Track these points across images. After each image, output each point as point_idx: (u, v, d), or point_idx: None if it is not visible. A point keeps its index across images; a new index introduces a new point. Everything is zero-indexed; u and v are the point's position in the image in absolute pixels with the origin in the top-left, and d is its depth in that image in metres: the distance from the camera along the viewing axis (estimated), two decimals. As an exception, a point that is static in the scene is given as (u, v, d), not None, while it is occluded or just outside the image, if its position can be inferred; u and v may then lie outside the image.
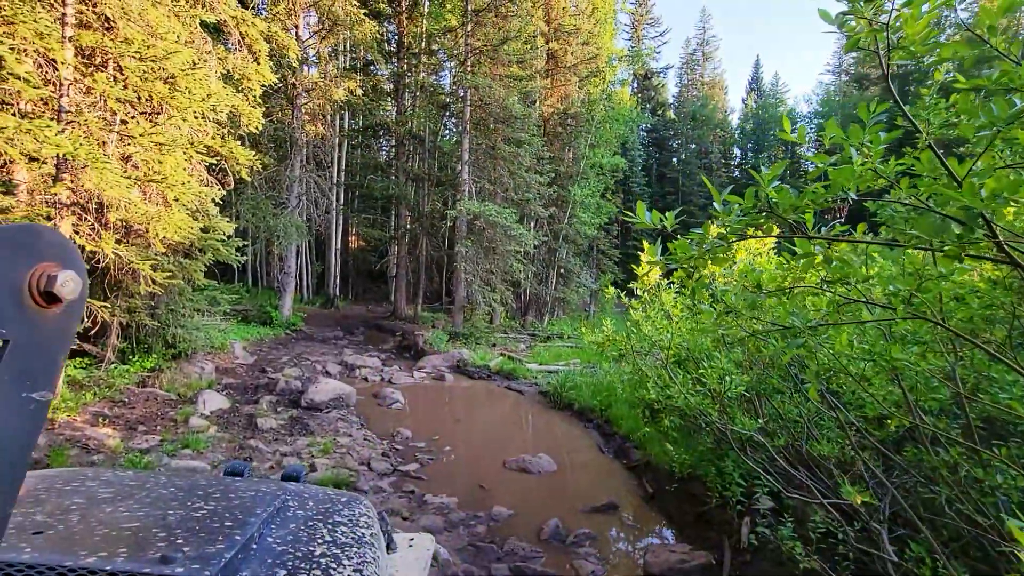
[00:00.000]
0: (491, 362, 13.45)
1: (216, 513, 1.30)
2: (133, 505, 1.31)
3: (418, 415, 9.11)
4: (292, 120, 18.51)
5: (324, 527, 1.37)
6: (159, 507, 1.32)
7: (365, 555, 1.31)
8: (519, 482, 6.02)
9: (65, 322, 0.45)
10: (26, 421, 0.44)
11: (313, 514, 1.43)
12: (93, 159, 5.11)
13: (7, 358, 0.41)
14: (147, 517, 1.25)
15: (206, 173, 10.08)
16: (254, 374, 10.69)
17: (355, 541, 1.35)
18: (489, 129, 17.83)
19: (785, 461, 4.09)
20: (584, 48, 23.51)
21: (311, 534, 1.31)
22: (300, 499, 1.49)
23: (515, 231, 15.68)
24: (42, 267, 0.42)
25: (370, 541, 1.40)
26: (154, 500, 1.37)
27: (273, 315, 17.77)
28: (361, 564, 1.26)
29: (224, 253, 9.46)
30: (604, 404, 8.62)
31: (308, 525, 1.35)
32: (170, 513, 1.29)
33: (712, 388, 3.53)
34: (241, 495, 1.46)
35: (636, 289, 4.63)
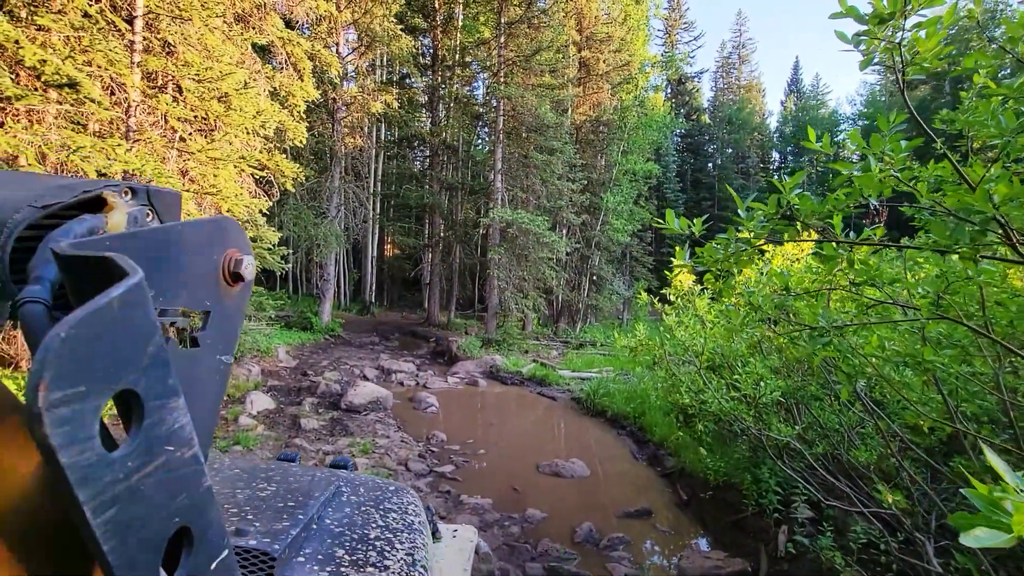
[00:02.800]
0: (523, 368, 13.56)
1: (279, 494, 1.38)
2: None
3: (452, 419, 9.30)
4: (332, 133, 19.25)
5: (376, 512, 1.43)
6: (228, 485, 1.42)
7: (416, 541, 1.36)
8: (552, 486, 6.09)
9: (243, 298, 0.53)
10: (218, 378, 0.52)
11: (365, 500, 1.49)
12: (158, 174, 5.54)
13: (209, 326, 0.49)
14: (219, 494, 1.32)
15: (254, 185, 10.65)
16: (296, 377, 11.13)
17: (406, 527, 1.40)
18: (522, 138, 18.07)
19: (824, 469, 4.04)
20: (616, 55, 23.53)
21: (365, 519, 1.37)
22: (352, 485, 1.57)
23: (547, 238, 15.80)
24: (231, 252, 0.51)
25: (419, 528, 1.44)
26: (223, 479, 1.46)
27: (313, 321, 18.42)
28: (412, 549, 1.30)
29: (270, 261, 9.95)
30: (637, 411, 8.59)
31: (362, 510, 1.42)
32: (238, 491, 1.37)
33: (747, 393, 3.54)
34: (299, 479, 1.53)
35: (669, 295, 4.66)
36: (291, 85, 11.44)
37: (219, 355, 0.51)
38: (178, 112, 6.45)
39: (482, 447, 7.49)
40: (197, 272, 0.48)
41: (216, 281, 0.50)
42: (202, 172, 6.78)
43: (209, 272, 0.49)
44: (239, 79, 7.28)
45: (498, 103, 17.63)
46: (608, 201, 21.31)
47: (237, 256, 0.51)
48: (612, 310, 25.07)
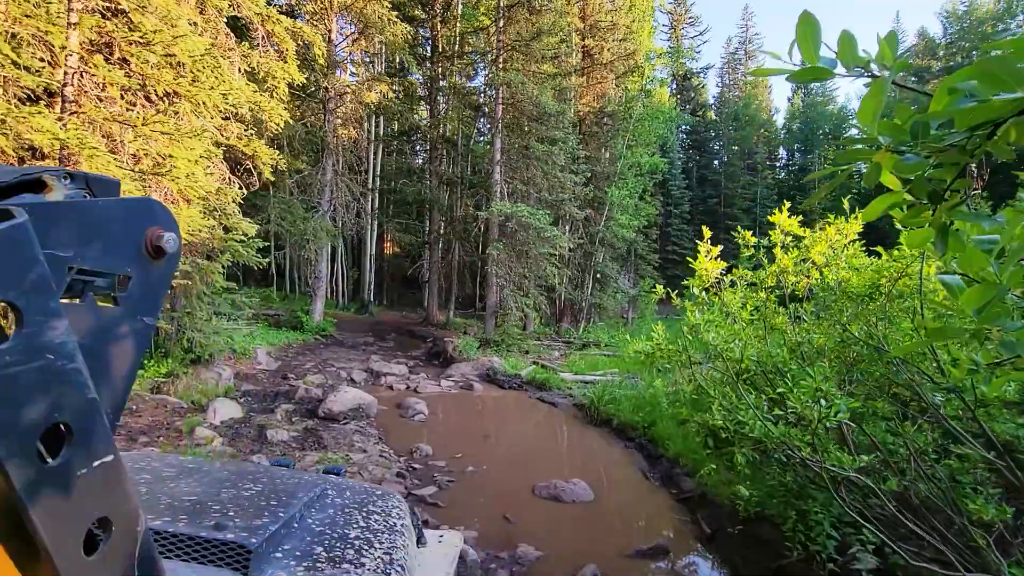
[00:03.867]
0: (523, 371, 12.66)
1: (263, 494, 1.46)
2: (192, 483, 1.51)
3: (441, 429, 8.41)
4: (324, 124, 18.39)
5: (359, 514, 1.50)
6: (214, 486, 1.49)
7: (395, 542, 1.42)
8: (550, 513, 5.19)
9: (167, 269, 0.60)
10: (138, 338, 0.59)
11: (350, 502, 1.56)
12: (80, 145, 4.68)
13: (130, 289, 0.57)
14: (204, 494, 1.43)
15: (228, 172, 9.79)
16: (276, 381, 10.27)
17: (387, 529, 1.46)
18: (523, 129, 17.17)
19: (897, 509, 3.12)
20: (621, 44, 22.58)
21: (347, 519, 1.45)
22: (339, 489, 1.64)
23: (548, 233, 14.89)
24: (154, 229, 0.58)
25: (400, 530, 1.50)
26: (210, 480, 1.54)
27: (304, 320, 17.56)
28: (391, 549, 1.38)
29: (244, 254, 9.08)
30: (647, 421, 7.68)
31: (345, 511, 1.49)
32: (223, 491, 1.46)
33: (803, 415, 2.63)
34: (286, 482, 1.61)
35: (692, 287, 3.77)
36: (270, 65, 10.58)
37: (142, 316, 0.58)
38: (119, 79, 5.60)
39: (472, 463, 6.60)
40: (119, 243, 0.56)
41: (138, 252, 0.57)
42: (148, 149, 5.91)
43: (131, 244, 0.57)
44: (197, 46, 6.42)
45: (497, 90, 16.73)
46: (613, 195, 20.37)
47: (159, 232, 0.58)
48: (617, 309, 24.11)
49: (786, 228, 4.78)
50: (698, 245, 3.81)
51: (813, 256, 4.68)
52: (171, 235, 0.58)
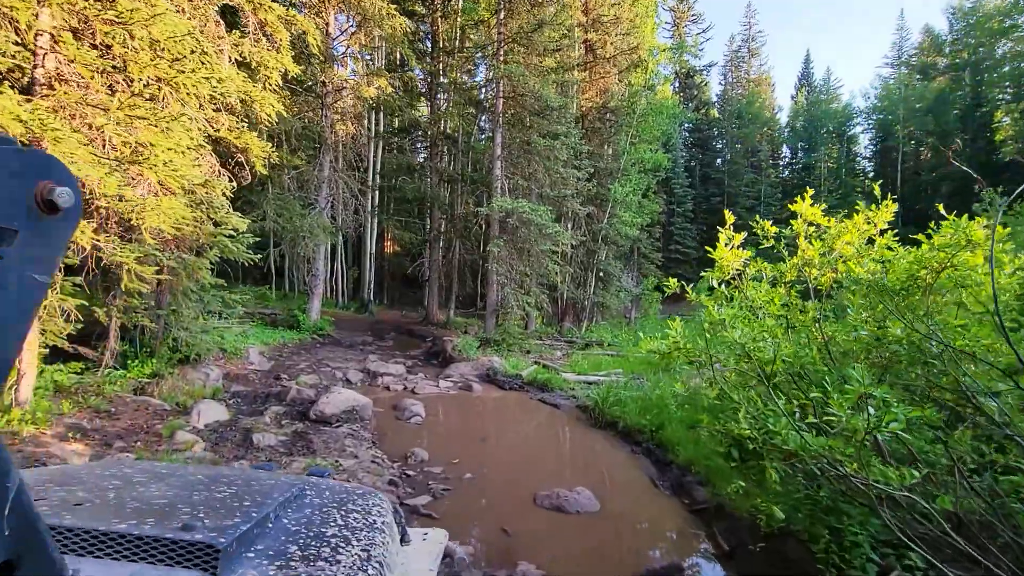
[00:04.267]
0: (524, 371, 12.27)
1: (237, 496, 1.44)
2: (163, 487, 1.50)
3: (438, 432, 8.04)
4: (322, 119, 18.02)
5: (338, 513, 1.49)
6: (186, 489, 1.48)
7: (375, 539, 1.41)
8: (552, 526, 4.80)
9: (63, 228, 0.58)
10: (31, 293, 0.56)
11: (328, 502, 1.55)
12: (42, 127, 4.31)
13: (18, 244, 0.54)
14: (175, 497, 1.42)
15: (219, 165, 9.43)
16: (267, 381, 9.90)
17: (366, 526, 1.45)
18: (525, 124, 16.77)
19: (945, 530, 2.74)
20: (624, 39, 22.17)
21: (324, 518, 1.43)
22: (317, 489, 1.64)
23: (550, 229, 14.50)
24: (45, 183, 0.55)
25: (381, 527, 1.51)
26: (182, 484, 1.54)
27: (301, 319, 17.21)
28: (370, 545, 1.36)
29: (234, 250, 8.71)
30: (654, 424, 7.29)
31: (323, 511, 1.48)
32: (195, 494, 1.44)
33: (850, 424, 2.25)
34: (262, 483, 1.60)
35: (710, 279, 3.38)
36: (262, 55, 10.20)
37: (33, 273, 0.56)
38: (90, 59, 5.22)
39: (469, 469, 6.22)
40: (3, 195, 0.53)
41: (27, 206, 0.55)
42: (125, 136, 5.53)
43: (18, 197, 0.54)
44: (178, 27, 6.04)
45: (498, 83, 16.34)
46: (616, 192, 19.96)
47: (51, 186, 0.55)
48: (620, 308, 23.70)
49: (809, 217, 4.39)
50: (718, 233, 3.43)
51: (840, 247, 4.29)
52: (65, 189, 0.56)
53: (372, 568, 1.28)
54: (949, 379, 3.17)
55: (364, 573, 1.25)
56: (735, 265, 3.39)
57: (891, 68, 52.14)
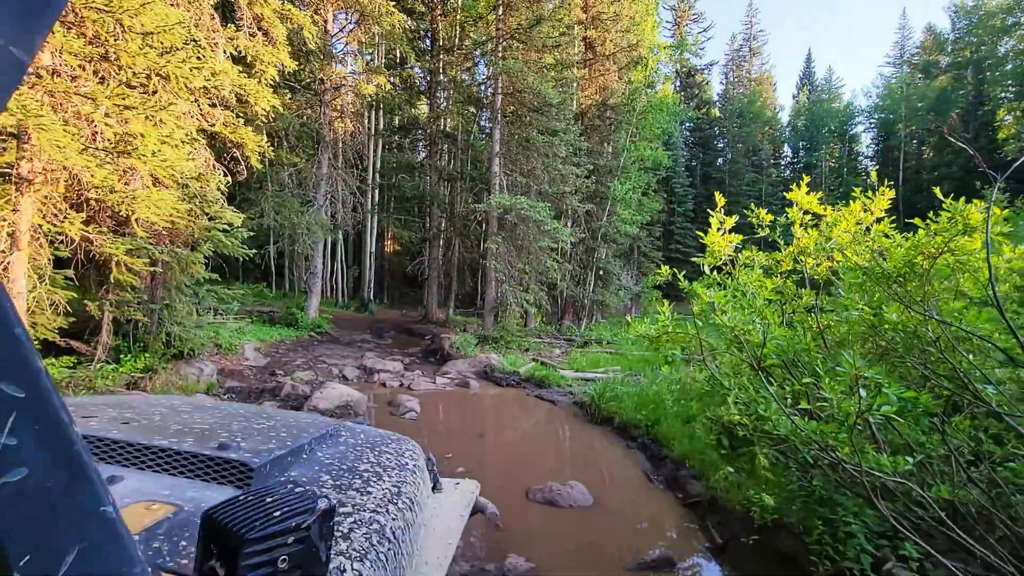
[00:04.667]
0: (521, 368, 12.20)
1: (274, 428, 1.54)
2: (206, 416, 1.63)
3: (433, 427, 7.97)
4: (320, 116, 17.98)
5: (371, 453, 1.54)
6: (227, 419, 1.60)
7: (405, 478, 1.44)
8: (545, 519, 4.74)
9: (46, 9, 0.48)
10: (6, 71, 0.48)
11: (363, 443, 1.61)
12: (24, 113, 4.25)
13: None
14: (216, 423, 1.53)
15: (213, 159, 9.38)
16: (262, 377, 9.85)
17: (398, 466, 1.50)
18: (523, 121, 16.70)
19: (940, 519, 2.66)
20: (624, 36, 22.09)
21: (358, 455, 1.50)
22: (353, 432, 1.71)
23: (549, 226, 14.43)
24: None
25: (412, 469, 1.54)
26: (224, 415, 1.68)
27: (299, 316, 17.17)
28: (400, 483, 1.39)
29: (228, 245, 8.66)
30: (650, 419, 7.22)
31: (356, 449, 1.55)
32: (235, 423, 1.54)
33: (838, 408, 2.18)
34: (300, 420, 1.70)
35: (702, 265, 3.31)
36: (258, 49, 10.16)
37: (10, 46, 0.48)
38: (76, 47, 5.17)
39: (463, 464, 6.15)
40: None
41: None
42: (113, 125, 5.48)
43: None
44: (167, 17, 5.99)
45: (496, 80, 16.28)
46: (616, 190, 19.88)
47: None
48: (619, 306, 23.61)
49: (805, 206, 4.32)
50: (710, 217, 3.36)
51: (837, 235, 4.22)
52: None
53: (402, 502, 1.29)
54: (946, 367, 3.10)
55: (393, 506, 1.27)
56: (727, 251, 3.31)
57: (893, 67, 52.04)
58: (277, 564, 0.68)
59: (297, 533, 0.72)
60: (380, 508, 1.23)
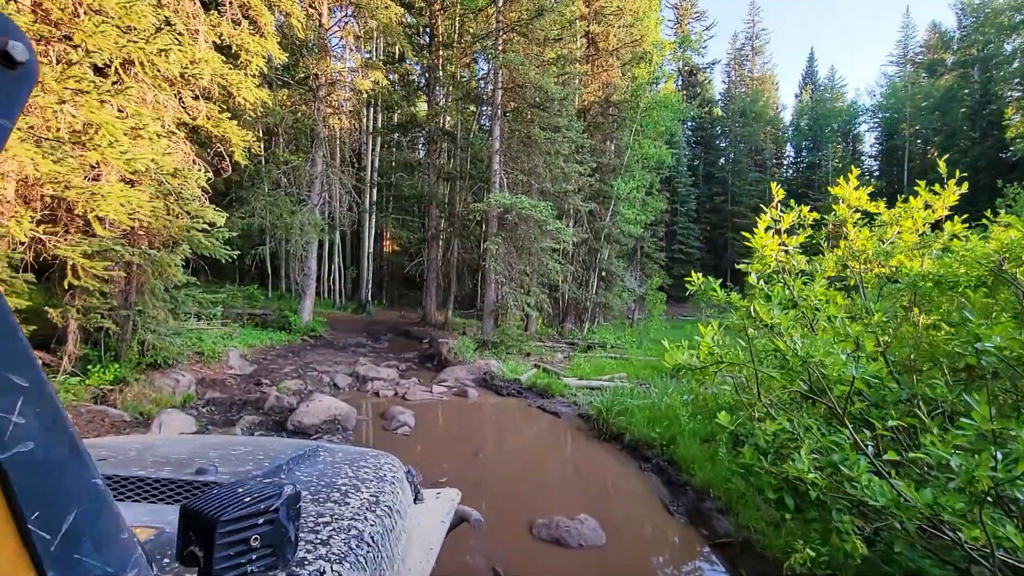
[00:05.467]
0: (523, 375, 11.59)
1: (251, 453, 1.58)
2: (182, 447, 1.66)
3: (427, 445, 7.35)
4: (314, 112, 17.37)
5: (349, 468, 1.56)
6: (203, 448, 1.62)
7: (383, 488, 1.46)
8: (552, 562, 4.12)
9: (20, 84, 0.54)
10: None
11: (341, 460, 1.63)
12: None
13: None
14: (192, 452, 1.56)
15: (194, 155, 8.77)
16: (247, 387, 9.22)
17: (376, 478, 1.52)
18: (524, 117, 16.08)
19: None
20: (627, 31, 21.48)
21: (336, 471, 1.51)
22: (330, 450, 1.74)
23: (551, 226, 13.81)
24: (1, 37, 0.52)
25: (391, 480, 1.55)
26: (201, 444, 1.73)
27: (292, 320, 16.55)
28: (378, 492, 1.41)
29: (207, 245, 8.04)
30: (665, 437, 6.60)
31: (335, 466, 1.56)
32: (212, 452, 1.57)
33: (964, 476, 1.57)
34: (277, 444, 1.75)
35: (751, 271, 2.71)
36: (243, 38, 9.55)
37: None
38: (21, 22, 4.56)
39: (459, 488, 5.50)
40: None
41: None
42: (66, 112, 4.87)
43: None
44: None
45: (496, 74, 15.66)
46: (619, 188, 19.26)
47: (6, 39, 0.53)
48: (623, 309, 22.99)
49: (853, 203, 3.71)
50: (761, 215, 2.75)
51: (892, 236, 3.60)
52: (19, 44, 0.54)
53: (380, 510, 1.31)
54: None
55: (372, 513, 1.28)
56: (778, 255, 2.70)
57: (896, 66, 51.43)
58: (250, 543, 0.74)
59: (267, 515, 0.77)
60: (358, 516, 1.25)
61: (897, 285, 3.58)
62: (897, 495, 1.76)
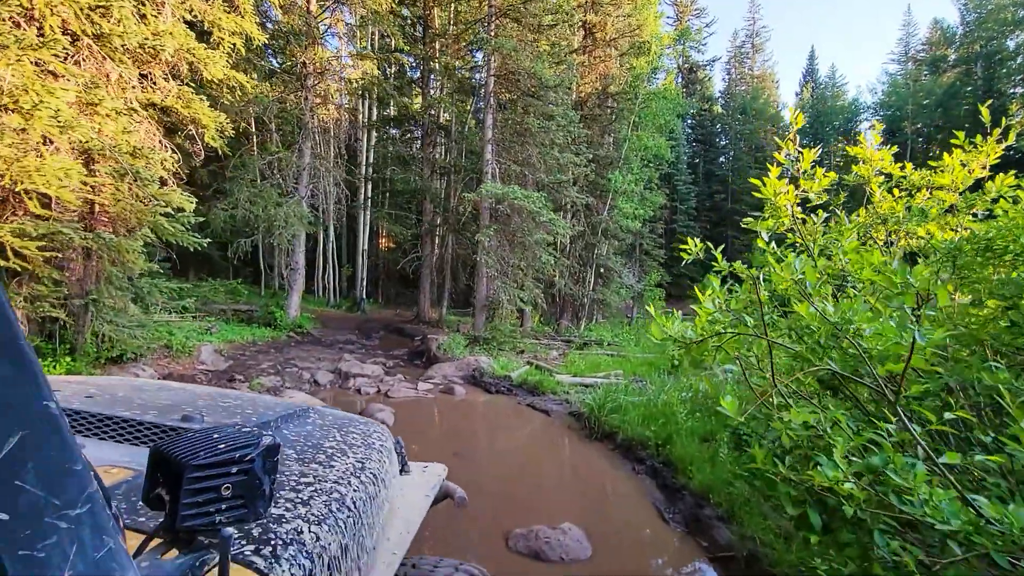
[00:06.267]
0: (514, 372, 11.05)
1: (241, 406, 1.60)
2: (171, 394, 1.69)
3: (406, 444, 6.81)
4: (301, 101, 16.82)
5: (339, 433, 1.57)
6: (192, 397, 1.65)
7: (370, 456, 1.45)
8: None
9: None
10: None
11: (330, 424, 1.65)
12: None
13: None
14: (180, 400, 1.58)
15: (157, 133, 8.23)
16: (218, 383, 8.69)
17: (364, 445, 1.52)
18: (518, 106, 15.54)
19: None
20: (626, 20, 20.94)
21: (324, 434, 1.52)
22: (321, 413, 1.76)
23: (545, 217, 13.27)
24: None
25: (378, 449, 1.55)
26: (190, 393, 1.72)
27: (278, 316, 16.01)
28: (364, 459, 1.41)
29: (171, 231, 7.51)
30: (660, 436, 6.07)
31: (323, 429, 1.57)
32: (200, 401, 1.60)
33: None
34: (268, 401, 1.76)
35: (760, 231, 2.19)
36: (214, 14, 9.01)
37: None
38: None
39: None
40: None
41: None
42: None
43: None
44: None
45: (488, 60, 15.12)
46: (617, 181, 18.72)
47: None
48: (620, 306, 22.43)
49: (876, 164, 3.18)
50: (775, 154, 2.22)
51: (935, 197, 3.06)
52: None
53: (365, 476, 1.31)
54: None
55: (356, 479, 1.28)
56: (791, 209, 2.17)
57: (898, 64, 50.87)
58: (220, 491, 0.70)
59: (240, 464, 0.73)
60: (342, 480, 1.23)
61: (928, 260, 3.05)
62: (977, 516, 1.23)
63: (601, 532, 4.20)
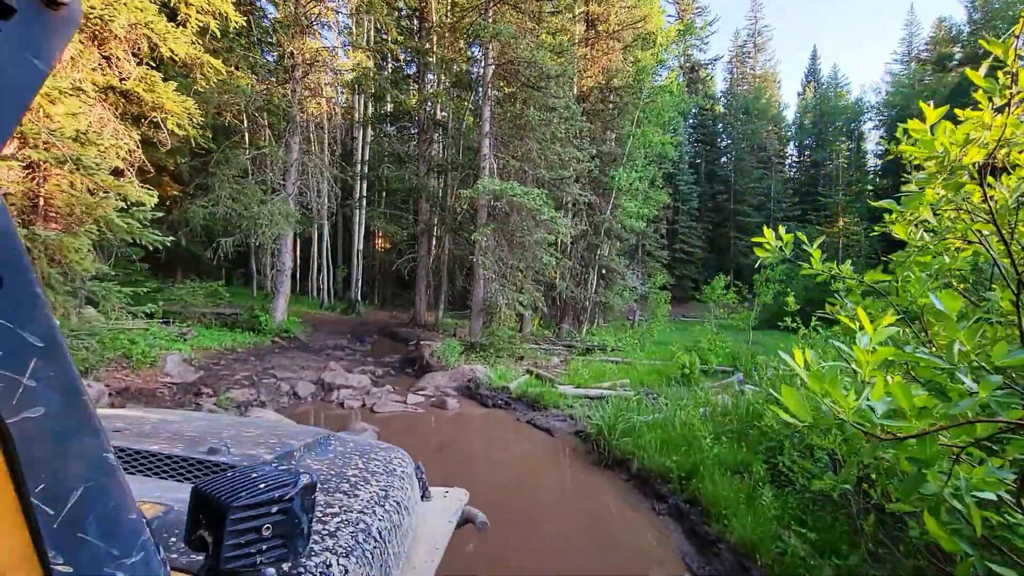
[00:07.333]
0: (512, 382, 10.17)
1: (263, 436, 1.56)
2: (197, 425, 1.64)
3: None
4: (288, 93, 15.95)
5: (360, 459, 1.54)
6: (217, 427, 1.62)
7: (393, 483, 1.42)
8: None
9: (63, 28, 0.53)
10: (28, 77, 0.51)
11: (352, 451, 1.62)
12: None
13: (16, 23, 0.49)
14: (206, 431, 1.55)
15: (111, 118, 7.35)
16: (181, 398, 7.78)
17: (386, 472, 1.49)
18: (518, 97, 14.69)
19: None
20: (630, 11, 20.11)
21: (346, 462, 1.50)
22: (343, 440, 1.74)
23: (545, 215, 12.40)
24: None
25: (400, 476, 1.52)
26: (215, 424, 1.69)
27: (263, 320, 15.10)
28: (388, 486, 1.37)
29: (121, 226, 6.62)
30: (684, 467, 5.19)
31: (346, 456, 1.55)
32: (225, 432, 1.56)
33: None
34: (290, 429, 1.76)
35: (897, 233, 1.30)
36: (182, -12, 8.14)
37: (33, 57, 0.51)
38: None
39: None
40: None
41: None
42: None
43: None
44: None
45: (486, 48, 14.25)
46: (620, 178, 17.85)
47: None
48: (623, 309, 21.55)
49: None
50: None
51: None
52: None
53: (389, 505, 1.29)
54: None
55: (380, 508, 1.26)
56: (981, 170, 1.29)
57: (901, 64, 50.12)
58: (261, 532, 0.71)
59: (280, 504, 0.74)
60: (367, 509, 1.23)
61: None
62: None
63: (621, 604, 3.31)
